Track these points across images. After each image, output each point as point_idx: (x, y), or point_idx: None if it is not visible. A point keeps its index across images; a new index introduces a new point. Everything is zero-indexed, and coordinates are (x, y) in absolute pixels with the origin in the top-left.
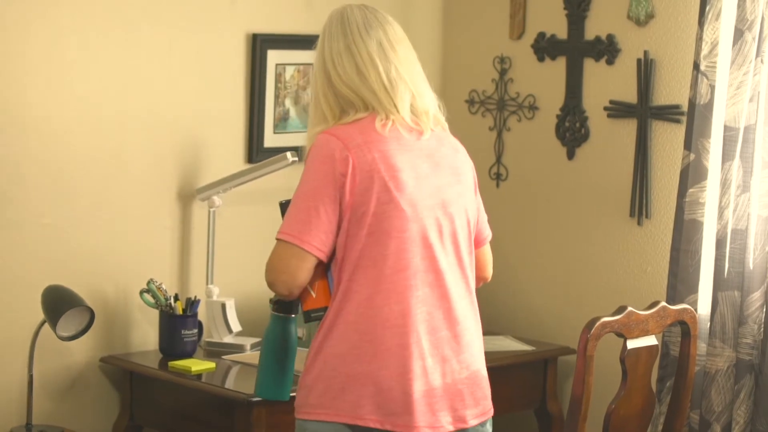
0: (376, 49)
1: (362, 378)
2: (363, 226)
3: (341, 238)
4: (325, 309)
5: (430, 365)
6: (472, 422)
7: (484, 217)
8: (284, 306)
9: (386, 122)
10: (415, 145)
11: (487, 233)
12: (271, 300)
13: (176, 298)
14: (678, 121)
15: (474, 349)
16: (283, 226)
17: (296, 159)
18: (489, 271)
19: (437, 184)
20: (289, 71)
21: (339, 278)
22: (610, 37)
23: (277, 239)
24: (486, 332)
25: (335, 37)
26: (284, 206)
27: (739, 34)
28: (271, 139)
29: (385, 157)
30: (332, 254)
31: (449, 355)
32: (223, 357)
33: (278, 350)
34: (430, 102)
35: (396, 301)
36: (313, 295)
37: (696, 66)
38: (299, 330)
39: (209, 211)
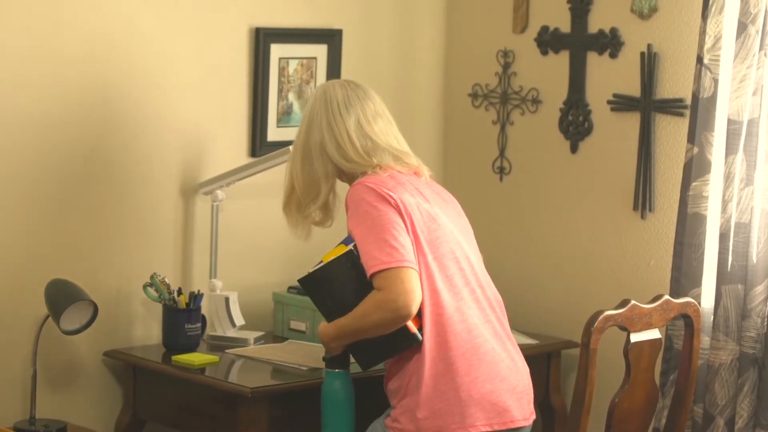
0: (354, 126)
1: (466, 390)
2: (425, 252)
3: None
4: (421, 328)
5: (508, 366)
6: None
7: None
8: (339, 361)
9: (388, 171)
10: (421, 182)
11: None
12: (324, 358)
13: (179, 292)
14: (681, 115)
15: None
16: (383, 256)
17: None
18: None
19: (452, 212)
20: (293, 65)
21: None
22: (613, 30)
23: (387, 269)
24: None
25: (319, 113)
26: (305, 282)
27: (742, 28)
28: (274, 133)
29: (414, 193)
30: None
31: (513, 355)
32: (227, 351)
33: (343, 404)
34: (414, 158)
35: (468, 317)
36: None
37: (699, 59)
38: (302, 324)
39: (212, 205)
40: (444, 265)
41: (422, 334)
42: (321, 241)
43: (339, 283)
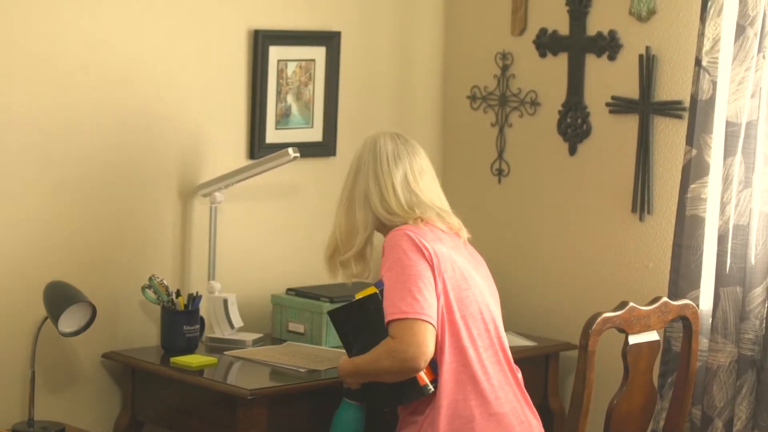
0: (401, 180)
1: None
2: (453, 309)
3: (439, 318)
4: (434, 381)
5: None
6: None
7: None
8: (356, 394)
9: (429, 225)
10: (459, 242)
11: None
12: (345, 388)
13: (178, 294)
14: (680, 117)
15: None
16: (403, 306)
17: (297, 155)
18: None
19: (482, 275)
20: (291, 67)
21: (441, 358)
22: (611, 32)
23: (404, 319)
24: None
25: (367, 163)
26: (333, 315)
27: (740, 30)
28: (272, 135)
29: (451, 250)
30: None
31: (530, 419)
32: (225, 353)
33: None
34: (456, 219)
35: (491, 377)
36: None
37: (698, 62)
38: (300, 326)
39: (211, 207)
40: (471, 325)
41: (437, 388)
42: (322, 242)
43: (362, 323)
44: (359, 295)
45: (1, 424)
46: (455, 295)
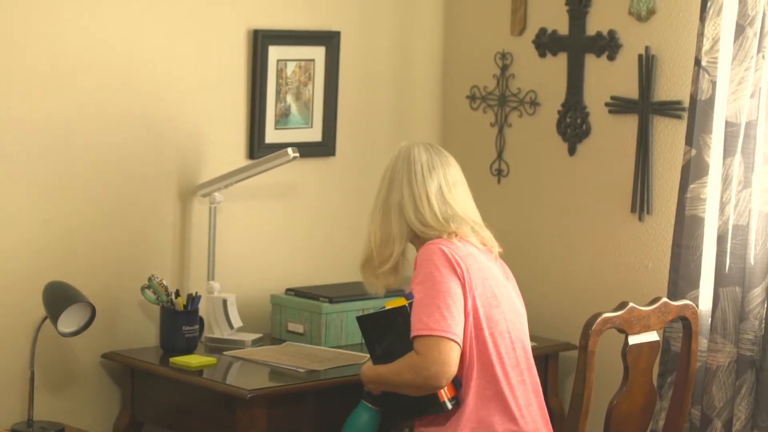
0: (435, 191)
1: None
2: (482, 327)
3: (466, 336)
4: (454, 398)
5: None
6: None
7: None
8: (375, 399)
9: (463, 241)
10: (490, 258)
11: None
12: (366, 391)
13: (177, 294)
14: (679, 117)
15: None
16: (431, 322)
17: (297, 155)
18: None
19: (511, 292)
20: (291, 67)
21: (469, 374)
22: (611, 32)
23: (430, 336)
24: None
25: (401, 173)
26: (361, 322)
27: (740, 30)
28: (272, 135)
29: (483, 267)
30: None
31: None
32: (225, 353)
33: None
34: (488, 232)
35: (518, 396)
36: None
37: (697, 62)
38: (299, 326)
39: (210, 207)
40: (499, 342)
41: (461, 403)
42: (322, 243)
43: (389, 333)
44: (389, 305)
45: (1, 425)
46: (485, 312)
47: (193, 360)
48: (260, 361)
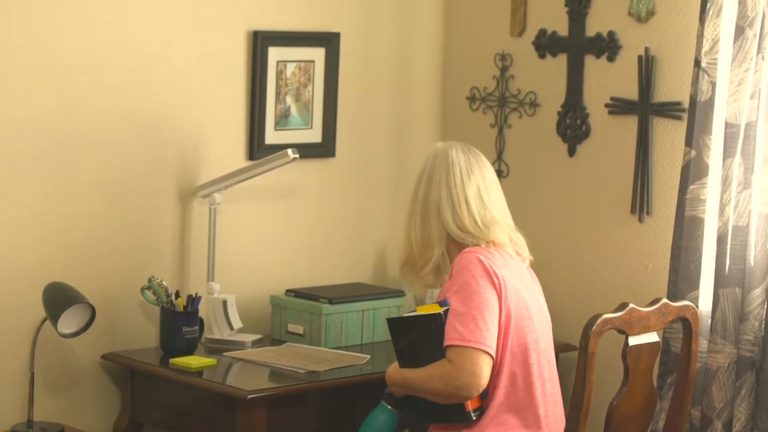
0: (474, 194)
1: None
2: (510, 337)
3: (499, 345)
4: (479, 408)
5: None
6: None
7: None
8: (397, 401)
9: (500, 251)
10: (523, 267)
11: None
12: (387, 393)
13: (177, 295)
14: (679, 118)
15: None
16: (466, 333)
17: (296, 156)
18: None
19: (541, 303)
20: (290, 68)
21: (493, 383)
22: (611, 33)
23: (464, 346)
24: None
25: (439, 174)
26: (391, 324)
27: (740, 31)
28: (272, 136)
29: (517, 278)
30: None
31: None
32: (224, 354)
33: None
34: (521, 237)
35: (537, 407)
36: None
37: (697, 63)
38: (299, 327)
39: (210, 208)
40: (525, 355)
41: (482, 415)
42: (321, 243)
43: (420, 339)
44: (421, 310)
45: (1, 425)
46: (516, 323)
47: (193, 361)
48: (260, 362)
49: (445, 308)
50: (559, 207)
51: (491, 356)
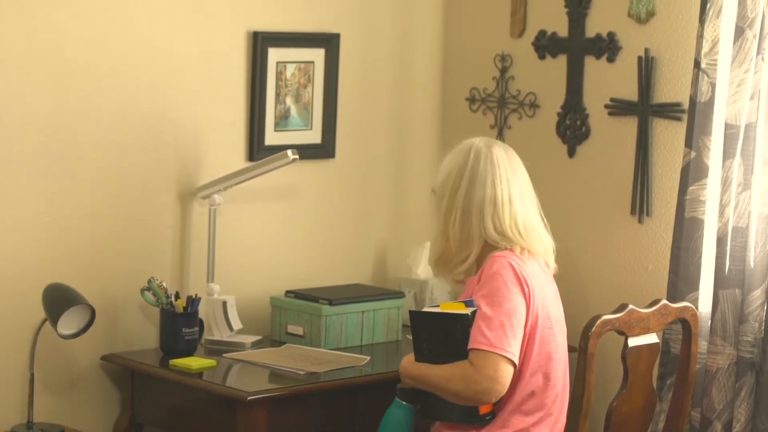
0: (518, 195)
1: None
2: (534, 345)
3: (522, 352)
4: (491, 413)
5: None
6: None
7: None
8: (411, 396)
9: (531, 259)
10: (549, 276)
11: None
12: (399, 388)
13: (177, 296)
14: (679, 119)
15: None
16: (493, 338)
17: (296, 157)
18: None
19: (560, 313)
20: (290, 69)
21: (513, 386)
22: (610, 34)
23: (489, 351)
24: None
25: (484, 171)
26: (414, 317)
27: (739, 32)
28: (271, 137)
29: (544, 287)
30: None
31: None
32: (224, 355)
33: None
34: (550, 240)
35: (553, 412)
36: None
37: (697, 64)
38: (299, 328)
39: (210, 209)
40: (548, 362)
41: (492, 419)
42: (321, 244)
43: (442, 336)
44: (445, 307)
45: (1, 426)
46: (540, 332)
47: (193, 362)
48: (260, 363)
49: (471, 309)
50: (559, 208)
51: (514, 365)
